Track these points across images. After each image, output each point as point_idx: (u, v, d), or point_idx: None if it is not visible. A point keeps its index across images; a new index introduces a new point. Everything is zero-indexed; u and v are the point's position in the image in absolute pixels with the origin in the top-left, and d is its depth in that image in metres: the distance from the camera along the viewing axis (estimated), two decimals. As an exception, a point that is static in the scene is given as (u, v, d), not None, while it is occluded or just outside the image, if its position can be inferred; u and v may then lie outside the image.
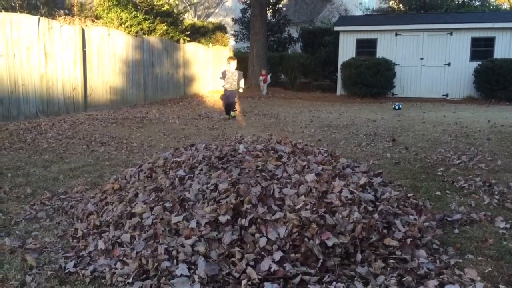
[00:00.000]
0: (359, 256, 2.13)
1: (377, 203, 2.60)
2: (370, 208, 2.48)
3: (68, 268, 2.18)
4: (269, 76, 17.17)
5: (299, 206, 2.29)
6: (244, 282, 1.96)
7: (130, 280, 2.04)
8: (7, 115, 8.41)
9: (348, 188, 2.54)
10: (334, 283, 1.99)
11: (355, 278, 2.05)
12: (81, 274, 2.15)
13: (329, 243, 2.09)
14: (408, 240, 2.29)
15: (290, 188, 2.47)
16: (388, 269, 2.11)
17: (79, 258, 2.30)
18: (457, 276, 2.09)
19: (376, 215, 2.39)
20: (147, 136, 6.93)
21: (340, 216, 2.27)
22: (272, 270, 2.00)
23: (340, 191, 2.46)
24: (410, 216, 2.61)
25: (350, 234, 2.17)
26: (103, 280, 2.09)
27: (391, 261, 2.15)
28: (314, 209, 2.27)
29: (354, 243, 2.17)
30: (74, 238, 2.61)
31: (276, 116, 9.84)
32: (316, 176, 2.63)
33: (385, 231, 2.34)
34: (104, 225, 2.56)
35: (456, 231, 2.73)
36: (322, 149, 3.33)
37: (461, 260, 2.29)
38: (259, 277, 1.97)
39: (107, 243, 2.34)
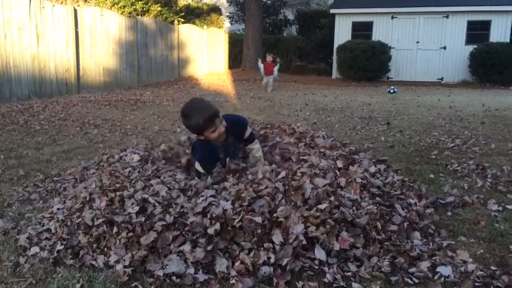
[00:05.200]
0: (361, 241, 2.13)
1: (382, 188, 2.61)
2: (376, 192, 2.49)
3: (61, 251, 2.18)
4: (276, 68, 11.98)
5: (314, 201, 2.24)
6: (237, 264, 1.97)
7: (125, 264, 2.04)
8: (-1, 96, 8.33)
9: (365, 174, 2.54)
10: (327, 264, 2.01)
11: (349, 259, 2.07)
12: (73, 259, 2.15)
13: (345, 246, 2.07)
14: (405, 225, 2.31)
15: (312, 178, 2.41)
16: (382, 251, 2.13)
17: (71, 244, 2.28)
18: (449, 257, 2.11)
19: (378, 198, 2.40)
20: (141, 118, 6.89)
21: (355, 209, 2.24)
22: (271, 260, 1.98)
23: (355, 179, 2.45)
24: (411, 200, 2.62)
25: (363, 228, 2.16)
26: (96, 265, 2.09)
27: (386, 243, 2.16)
28: (332, 204, 2.21)
29: (364, 235, 2.16)
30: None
31: (271, 99, 9.81)
32: (334, 162, 2.63)
33: (386, 216, 2.35)
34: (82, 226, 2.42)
35: (449, 213, 2.75)
36: (325, 134, 3.32)
37: (453, 242, 2.31)
38: (253, 262, 1.97)
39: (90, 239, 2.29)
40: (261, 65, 12.06)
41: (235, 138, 2.86)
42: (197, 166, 2.76)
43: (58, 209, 2.59)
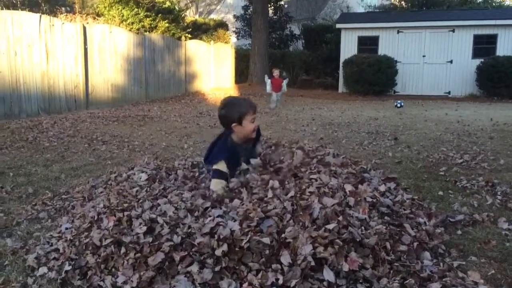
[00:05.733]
0: (371, 261, 2.11)
1: (392, 207, 2.59)
2: (385, 211, 2.47)
3: (69, 271, 2.18)
4: (284, 82, 11.39)
5: (322, 221, 2.22)
6: (245, 285, 1.95)
7: (132, 285, 2.03)
8: (9, 113, 8.42)
9: (374, 193, 2.52)
10: (335, 285, 1.99)
11: (359, 281, 2.04)
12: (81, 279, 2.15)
13: (354, 267, 2.05)
14: (415, 244, 2.28)
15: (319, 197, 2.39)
16: (391, 271, 2.10)
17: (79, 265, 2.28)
18: (460, 278, 2.08)
19: (387, 217, 2.38)
20: (149, 134, 6.92)
21: (363, 229, 2.22)
22: (279, 282, 1.96)
23: (365, 198, 2.44)
24: (420, 220, 2.60)
25: (372, 248, 2.13)
26: (104, 286, 2.08)
27: (395, 264, 2.13)
28: (340, 224, 2.18)
29: (373, 255, 2.14)
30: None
31: (278, 114, 9.83)
32: (344, 181, 2.61)
33: (396, 236, 2.33)
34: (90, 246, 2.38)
35: (459, 232, 2.71)
36: (336, 152, 3.31)
37: (464, 263, 2.28)
38: (261, 283, 1.96)
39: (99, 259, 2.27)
40: (268, 81, 11.39)
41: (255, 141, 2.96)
42: (220, 165, 2.72)
43: (66, 228, 2.60)
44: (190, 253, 2.12)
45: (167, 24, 15.92)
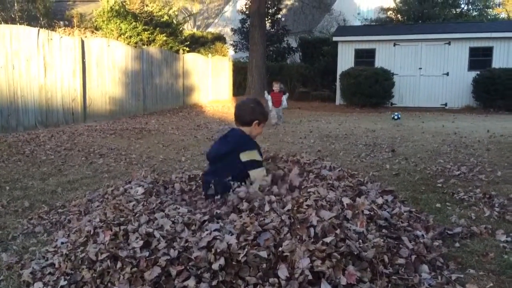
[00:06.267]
0: (369, 275, 2.10)
1: (389, 219, 2.59)
2: (383, 224, 2.46)
3: (64, 287, 2.16)
4: (285, 97, 10.73)
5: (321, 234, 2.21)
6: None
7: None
8: (6, 126, 8.41)
9: (372, 206, 2.52)
10: (334, 300, 1.98)
11: (356, 295, 2.03)
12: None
13: (352, 281, 2.04)
14: (413, 257, 2.28)
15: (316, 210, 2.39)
16: (390, 285, 2.09)
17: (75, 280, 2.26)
18: (458, 292, 2.07)
19: (385, 230, 2.37)
20: (146, 147, 6.91)
21: (361, 242, 2.21)
22: None
23: (362, 211, 2.44)
24: (418, 232, 2.59)
25: (370, 261, 2.12)
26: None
27: (394, 277, 2.12)
28: (338, 238, 2.17)
29: (371, 268, 2.13)
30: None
31: (275, 126, 9.84)
32: (342, 194, 2.61)
33: (394, 249, 2.32)
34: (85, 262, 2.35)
35: (457, 244, 2.70)
36: (333, 165, 3.32)
37: (462, 275, 2.27)
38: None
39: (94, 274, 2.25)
40: (269, 97, 10.65)
41: None
42: (256, 155, 2.96)
43: (62, 243, 2.58)
44: (187, 267, 2.11)
45: (165, 38, 16.00)
